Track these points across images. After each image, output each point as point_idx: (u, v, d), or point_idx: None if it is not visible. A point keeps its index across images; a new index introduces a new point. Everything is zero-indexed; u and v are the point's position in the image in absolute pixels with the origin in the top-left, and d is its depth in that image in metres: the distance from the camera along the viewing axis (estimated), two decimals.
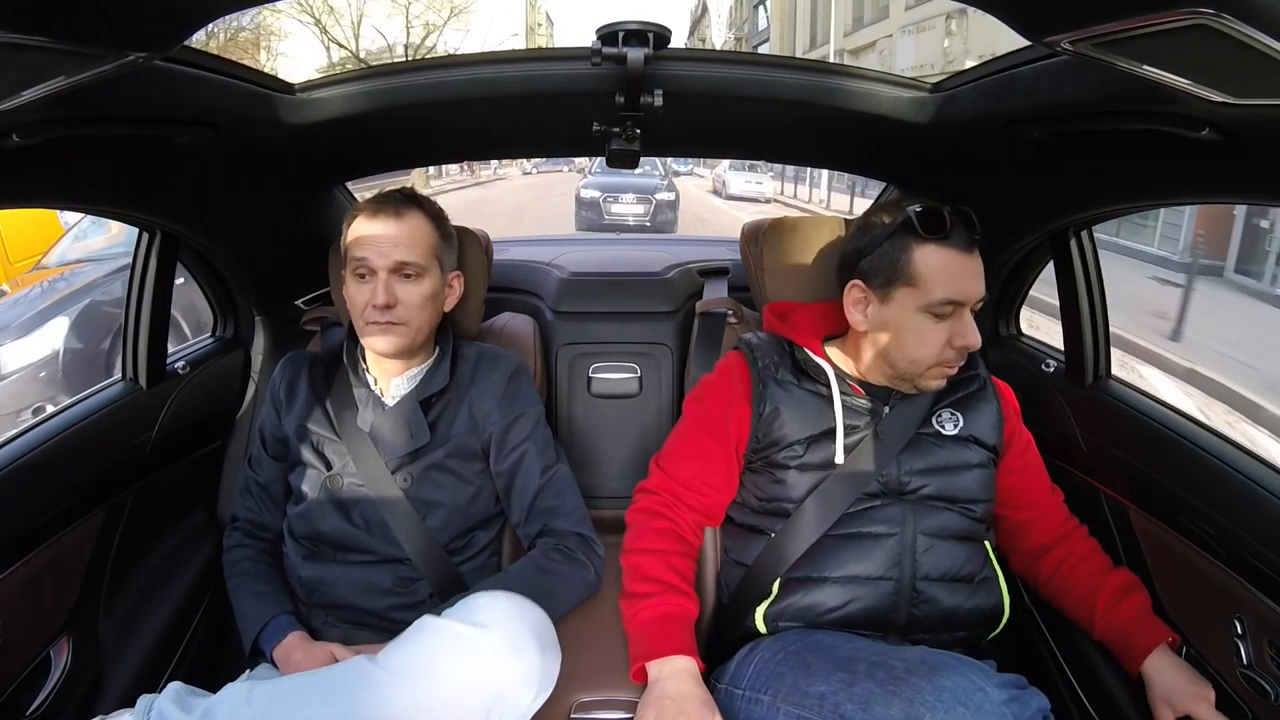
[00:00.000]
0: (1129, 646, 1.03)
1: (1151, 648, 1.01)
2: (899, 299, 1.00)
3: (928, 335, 0.99)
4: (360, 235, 1.07)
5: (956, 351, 0.99)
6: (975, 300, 0.99)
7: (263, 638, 1.05)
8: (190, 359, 1.37)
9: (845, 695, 0.84)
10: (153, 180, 1.07)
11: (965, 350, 0.99)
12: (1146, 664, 1.00)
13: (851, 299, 1.05)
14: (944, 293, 0.97)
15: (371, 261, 1.05)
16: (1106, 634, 1.06)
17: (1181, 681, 0.97)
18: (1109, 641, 1.06)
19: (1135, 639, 1.02)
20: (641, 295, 1.57)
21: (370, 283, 1.06)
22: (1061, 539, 1.13)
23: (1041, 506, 1.14)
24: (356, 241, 1.07)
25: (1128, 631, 1.03)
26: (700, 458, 1.10)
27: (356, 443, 1.09)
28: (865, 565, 1.00)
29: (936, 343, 0.99)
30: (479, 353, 1.18)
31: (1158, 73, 0.60)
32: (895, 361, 1.03)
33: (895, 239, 1.00)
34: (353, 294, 1.08)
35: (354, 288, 1.07)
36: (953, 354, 0.99)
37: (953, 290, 0.97)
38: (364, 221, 1.07)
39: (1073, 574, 1.10)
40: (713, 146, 1.81)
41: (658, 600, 1.02)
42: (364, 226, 1.07)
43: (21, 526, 0.97)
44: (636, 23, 0.88)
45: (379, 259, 1.05)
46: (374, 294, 1.05)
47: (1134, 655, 1.02)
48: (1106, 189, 1.06)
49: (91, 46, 0.58)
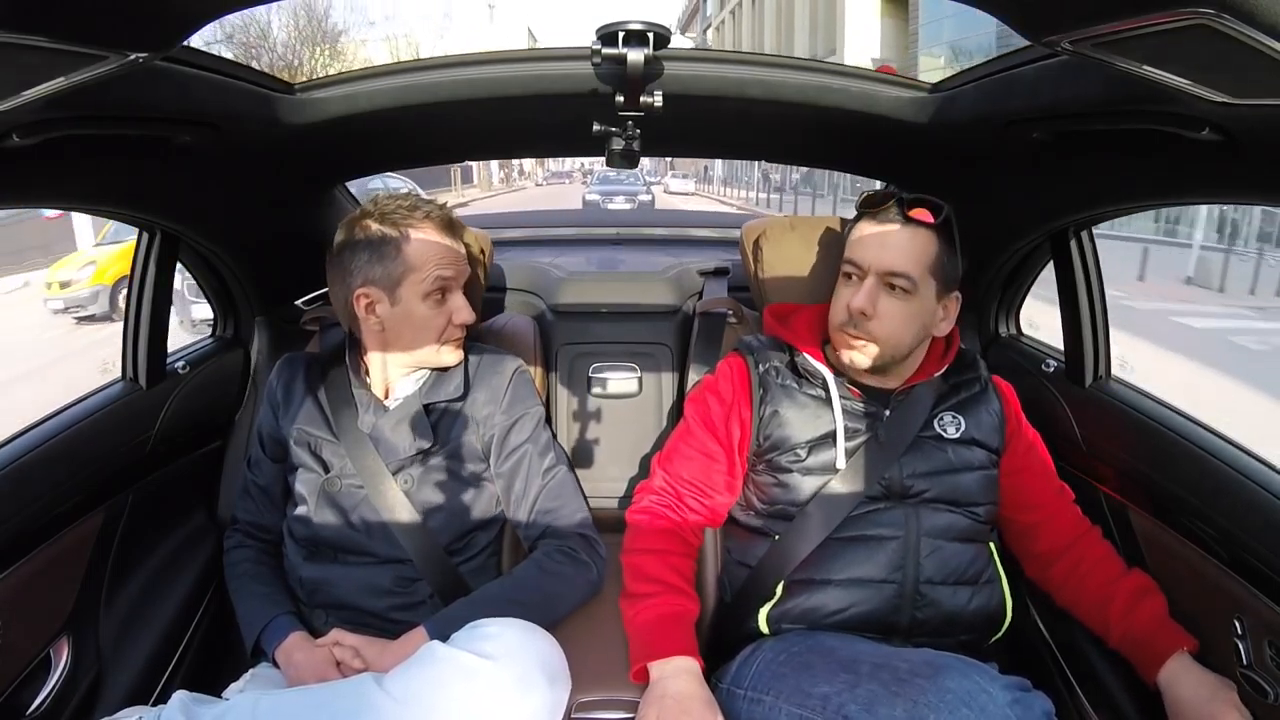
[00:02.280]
0: (1145, 655, 0.99)
1: (1168, 655, 0.96)
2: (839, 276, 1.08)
3: (837, 298, 1.06)
4: (439, 255, 1.07)
5: (851, 315, 1.02)
6: (878, 269, 1.01)
7: (264, 638, 1.05)
8: (190, 359, 1.37)
9: (848, 696, 0.83)
10: (153, 180, 1.07)
11: (858, 312, 1.01)
12: (1162, 674, 0.96)
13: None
14: (850, 253, 1.05)
15: (456, 282, 1.10)
16: (1123, 643, 1.02)
17: (1202, 695, 0.91)
18: (1126, 651, 1.02)
19: (1151, 647, 0.99)
20: (642, 295, 1.57)
21: (447, 302, 1.09)
22: (1073, 543, 1.10)
23: (1050, 509, 1.12)
24: (437, 262, 1.07)
25: (1144, 639, 1.00)
26: (702, 459, 1.11)
27: (356, 444, 1.09)
28: (868, 568, 1.00)
29: (839, 304, 1.05)
30: (480, 355, 1.18)
31: (1158, 73, 0.60)
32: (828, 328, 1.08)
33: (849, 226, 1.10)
34: (429, 315, 1.07)
35: (431, 309, 1.07)
36: (843, 317, 1.03)
37: (857, 254, 1.03)
38: (439, 240, 1.07)
39: (1087, 579, 1.07)
40: (713, 146, 1.81)
41: (659, 600, 1.02)
42: (440, 245, 1.07)
43: (21, 526, 0.97)
44: (637, 23, 0.88)
45: (461, 278, 1.11)
46: (458, 312, 1.09)
47: (1150, 664, 0.98)
48: (1106, 189, 1.06)
49: (91, 46, 0.58)
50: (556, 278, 1.62)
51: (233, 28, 14.42)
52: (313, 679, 0.96)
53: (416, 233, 1.06)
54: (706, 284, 1.57)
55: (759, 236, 1.31)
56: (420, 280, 1.06)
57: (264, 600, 1.09)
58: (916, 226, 1.01)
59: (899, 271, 1.00)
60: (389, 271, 1.05)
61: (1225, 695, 0.90)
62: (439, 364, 1.12)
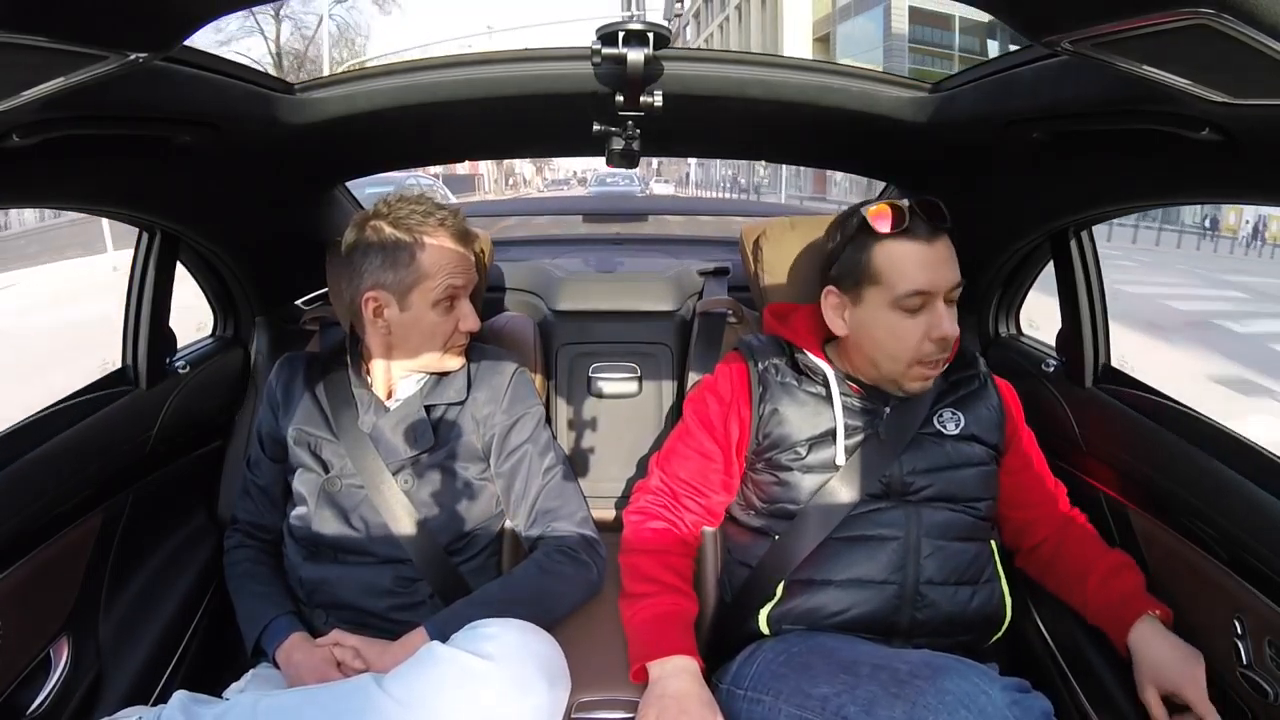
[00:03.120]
0: (1117, 623, 1.00)
1: (1136, 619, 0.97)
2: (869, 299, 1.00)
3: (902, 331, 0.99)
4: (454, 263, 1.07)
5: (935, 344, 0.98)
6: (945, 288, 0.98)
7: (264, 638, 1.05)
8: (190, 359, 1.37)
9: (848, 697, 0.84)
10: (153, 180, 1.07)
11: (944, 341, 0.98)
12: (1131, 636, 0.97)
13: (829, 305, 1.06)
14: (908, 285, 0.97)
15: (466, 290, 1.09)
16: (1098, 614, 1.03)
17: (1170, 658, 0.93)
18: (1100, 621, 1.03)
19: (1123, 614, 1.00)
20: (641, 295, 1.57)
21: (455, 310, 1.09)
22: (1057, 529, 1.12)
23: (1045, 506, 1.14)
24: (450, 271, 1.06)
25: (1116, 607, 1.01)
26: (699, 459, 1.11)
27: (356, 444, 1.09)
28: (869, 568, 1.00)
29: (913, 337, 0.98)
30: (481, 356, 1.18)
31: (1158, 73, 0.60)
32: (878, 361, 1.02)
33: (856, 240, 1.01)
34: (438, 322, 1.07)
35: (440, 316, 1.07)
36: (931, 348, 0.98)
37: (917, 282, 0.97)
38: (454, 248, 1.07)
39: (1067, 556, 1.09)
40: (712, 146, 1.81)
41: (656, 600, 1.02)
42: (455, 253, 1.07)
43: (21, 526, 0.97)
44: (637, 23, 0.88)
45: (471, 286, 1.10)
46: (465, 320, 1.09)
47: (1121, 630, 0.99)
48: (1106, 189, 1.06)
49: (91, 46, 0.58)
50: (557, 278, 1.62)
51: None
52: (313, 679, 0.96)
53: (431, 240, 1.06)
54: (706, 284, 1.57)
55: (759, 236, 1.31)
56: (432, 288, 1.06)
57: (264, 600, 1.09)
58: (940, 231, 0.99)
59: (958, 283, 1.00)
60: (401, 277, 1.05)
61: (1197, 659, 0.92)
62: (441, 369, 1.12)
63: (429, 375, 1.14)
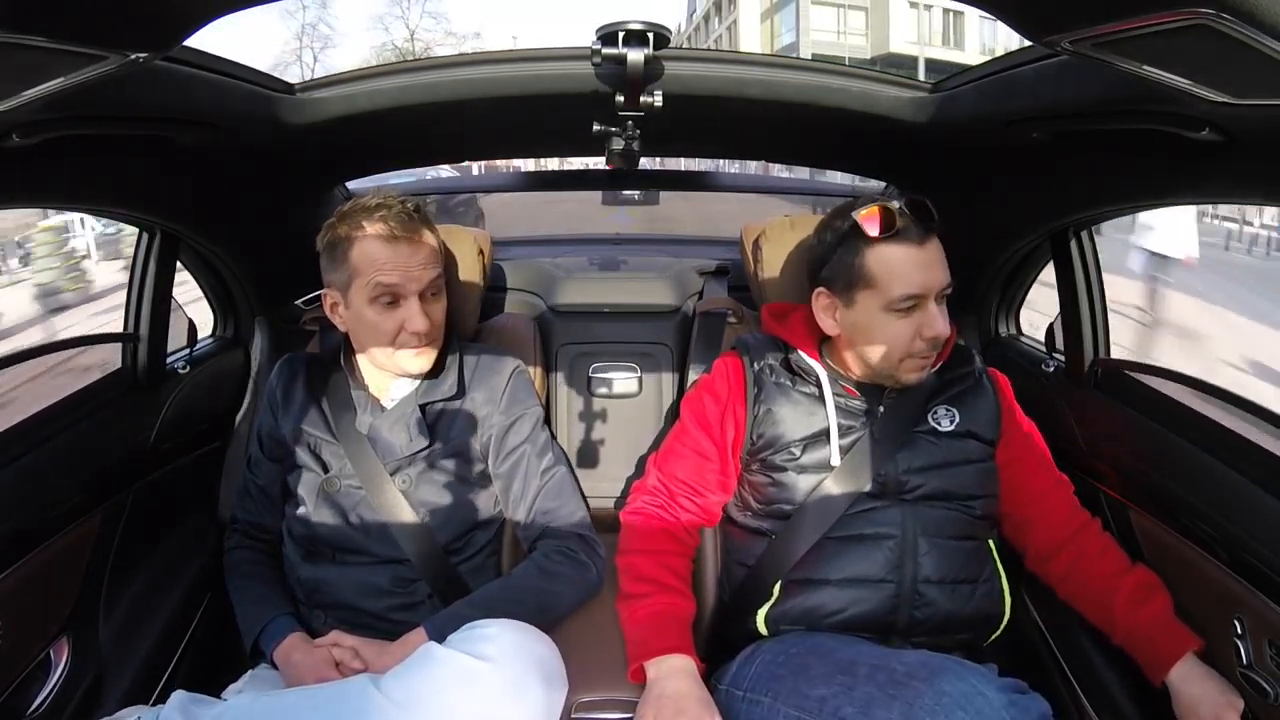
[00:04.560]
0: (1152, 656, 0.98)
1: (1177, 657, 0.95)
2: (861, 301, 1.01)
3: (894, 331, 1.00)
4: (381, 260, 1.00)
5: (926, 343, 0.99)
6: (936, 290, 0.99)
7: (263, 639, 1.05)
8: (190, 359, 1.37)
9: (845, 698, 0.84)
10: (153, 180, 1.07)
11: (935, 340, 0.99)
12: (1173, 674, 0.95)
13: (820, 306, 1.06)
14: (902, 289, 0.98)
15: (403, 289, 1.02)
16: (1128, 641, 1.01)
17: (1211, 692, 0.92)
18: (1131, 649, 1.01)
19: (1158, 646, 0.98)
20: (642, 295, 1.57)
21: (400, 309, 1.02)
22: (1073, 535, 1.09)
23: (1047, 502, 1.12)
24: (378, 268, 1.00)
25: (1150, 638, 0.99)
26: (696, 458, 1.11)
27: (354, 445, 1.09)
28: (866, 568, 1.00)
29: (905, 337, 1.00)
30: (479, 355, 1.18)
31: (1158, 73, 0.60)
32: (870, 360, 1.03)
33: (846, 243, 1.01)
34: (377, 321, 1.02)
35: (378, 314, 1.02)
36: (923, 345, 1.00)
37: (910, 285, 0.98)
38: (381, 245, 1.00)
39: (1087, 574, 1.07)
40: (712, 146, 1.81)
41: (653, 600, 1.02)
42: (383, 251, 1.00)
43: (21, 526, 0.97)
44: (637, 23, 0.88)
45: (412, 284, 1.02)
46: (410, 321, 1.02)
47: (1158, 664, 0.97)
48: (1107, 189, 1.06)
49: (92, 46, 0.58)
50: (557, 277, 1.62)
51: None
52: (311, 680, 0.96)
53: (360, 236, 1.02)
54: (706, 284, 1.57)
55: (759, 236, 1.31)
56: (363, 286, 1.02)
57: (263, 601, 1.09)
58: (930, 232, 1.00)
59: (949, 283, 1.00)
60: (340, 275, 1.04)
61: (1228, 700, 0.91)
62: (399, 370, 1.09)
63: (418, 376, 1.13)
